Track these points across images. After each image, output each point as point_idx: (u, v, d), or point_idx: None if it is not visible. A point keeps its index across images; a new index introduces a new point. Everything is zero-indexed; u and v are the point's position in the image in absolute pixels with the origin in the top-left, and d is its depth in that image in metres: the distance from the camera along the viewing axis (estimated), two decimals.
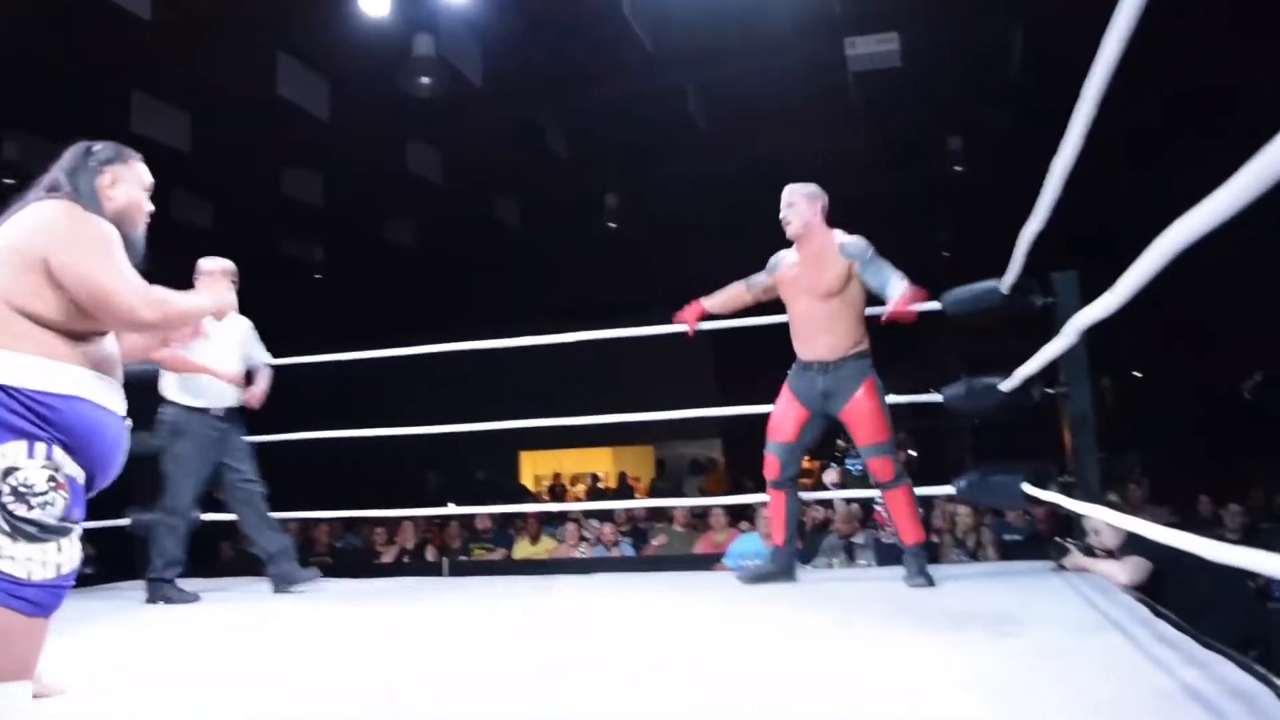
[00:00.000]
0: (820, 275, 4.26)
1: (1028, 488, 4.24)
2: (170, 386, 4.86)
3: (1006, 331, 5.12)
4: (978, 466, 4.79)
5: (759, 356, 15.98)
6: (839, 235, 4.34)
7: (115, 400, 2.34)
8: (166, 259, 2.47)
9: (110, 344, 2.38)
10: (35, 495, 2.09)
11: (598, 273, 14.65)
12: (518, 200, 13.71)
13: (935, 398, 4.87)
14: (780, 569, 4.42)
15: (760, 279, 4.59)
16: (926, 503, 6.81)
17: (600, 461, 18.56)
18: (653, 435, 17.36)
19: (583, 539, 8.15)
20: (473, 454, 16.46)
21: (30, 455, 2.10)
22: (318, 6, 8.29)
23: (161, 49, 8.69)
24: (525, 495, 16.23)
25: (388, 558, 8.89)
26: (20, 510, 2.08)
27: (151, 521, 4.87)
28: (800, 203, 4.39)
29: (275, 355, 5.34)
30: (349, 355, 5.68)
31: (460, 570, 7.11)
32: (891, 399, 4.41)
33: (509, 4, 8.40)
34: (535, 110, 10.73)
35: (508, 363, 4.91)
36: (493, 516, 9.04)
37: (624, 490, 16.03)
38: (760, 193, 12.55)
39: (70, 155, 2.50)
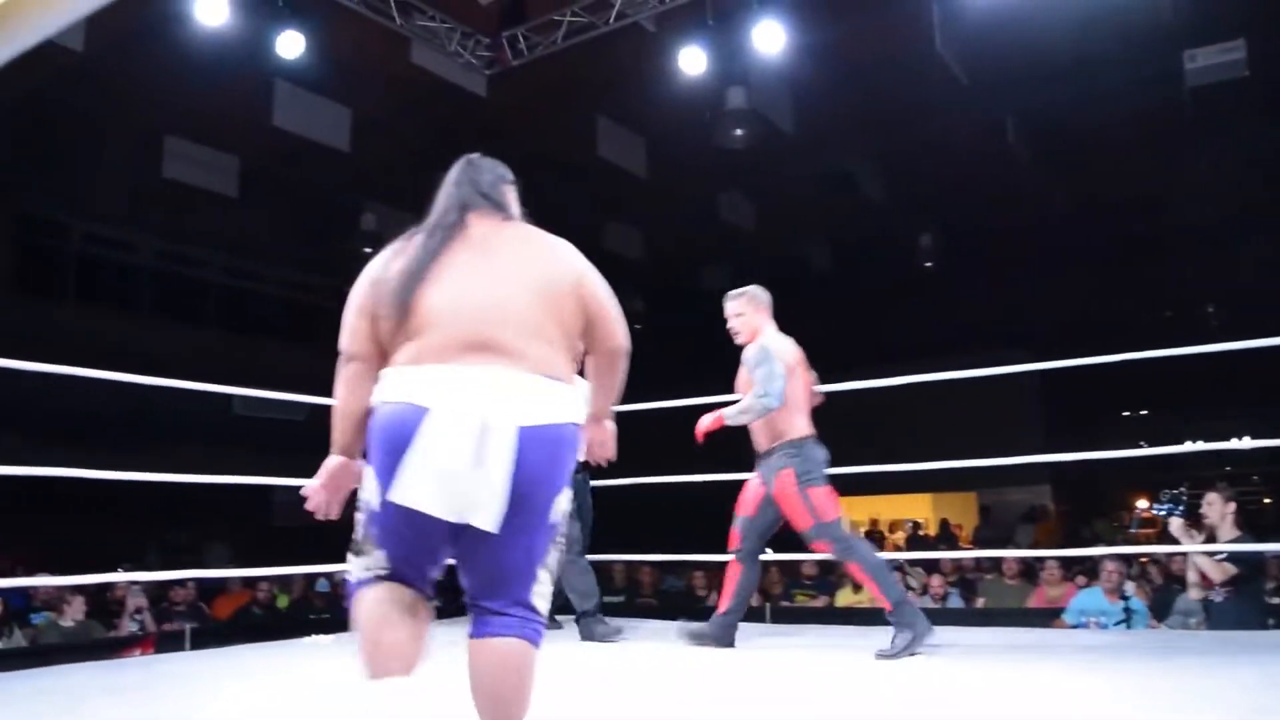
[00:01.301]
0: (742, 379, 4.32)
1: None
2: None
3: None
4: None
5: (1092, 397, 15.03)
6: (759, 337, 4.33)
7: None
8: None
9: None
10: None
11: (913, 314, 14.32)
12: (830, 244, 13.67)
13: None
14: (716, 636, 4.37)
15: None
16: None
17: (919, 508, 17.97)
18: (975, 481, 16.62)
19: (908, 588, 7.89)
20: None
21: None
22: (636, 70, 8.69)
23: (496, 121, 9.42)
24: None
25: (710, 601, 9.01)
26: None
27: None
28: (746, 311, 4.41)
29: None
30: (670, 403, 5.82)
31: (782, 616, 7.08)
32: (1248, 443, 3.98)
33: (819, 52, 8.44)
34: (846, 154, 10.70)
35: (821, 407, 4.87)
36: (817, 562, 8.96)
37: (947, 538, 15.41)
38: (1090, 223, 11.94)
39: (489, 173, 2.41)
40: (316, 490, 2.16)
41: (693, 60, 8.11)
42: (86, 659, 4.52)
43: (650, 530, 5.26)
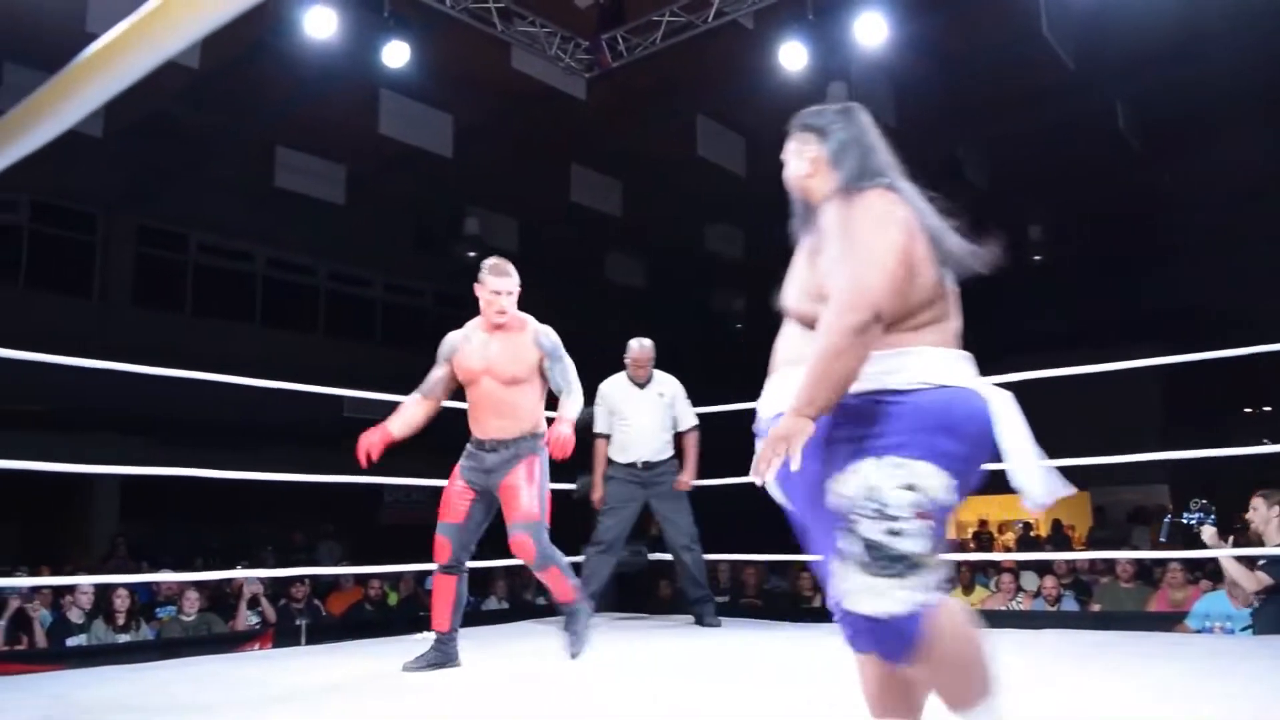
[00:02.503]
0: (513, 362, 4.00)
1: None
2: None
3: None
4: None
5: (1213, 392, 14.48)
6: (532, 322, 4.07)
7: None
8: (605, 320, 2.61)
9: None
10: None
11: (1024, 307, 13.96)
12: None
13: None
14: (446, 657, 3.95)
15: (436, 375, 4.12)
16: None
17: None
18: (1089, 479, 16.09)
19: (1019, 590, 7.70)
20: None
21: None
22: (736, 68, 8.65)
23: (595, 125, 9.48)
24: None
25: (816, 602, 8.91)
26: None
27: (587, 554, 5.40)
28: (517, 291, 4.05)
29: (701, 403, 5.67)
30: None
31: None
32: None
33: (921, 42, 8.30)
34: (951, 145, 10.48)
35: None
36: None
37: (1059, 539, 14.99)
38: (1207, 209, 11.48)
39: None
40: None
41: (793, 56, 8.03)
42: (208, 653, 4.67)
43: (760, 530, 5.22)
